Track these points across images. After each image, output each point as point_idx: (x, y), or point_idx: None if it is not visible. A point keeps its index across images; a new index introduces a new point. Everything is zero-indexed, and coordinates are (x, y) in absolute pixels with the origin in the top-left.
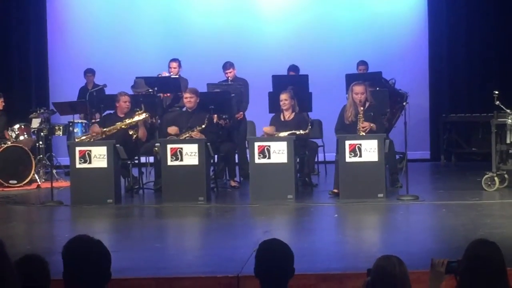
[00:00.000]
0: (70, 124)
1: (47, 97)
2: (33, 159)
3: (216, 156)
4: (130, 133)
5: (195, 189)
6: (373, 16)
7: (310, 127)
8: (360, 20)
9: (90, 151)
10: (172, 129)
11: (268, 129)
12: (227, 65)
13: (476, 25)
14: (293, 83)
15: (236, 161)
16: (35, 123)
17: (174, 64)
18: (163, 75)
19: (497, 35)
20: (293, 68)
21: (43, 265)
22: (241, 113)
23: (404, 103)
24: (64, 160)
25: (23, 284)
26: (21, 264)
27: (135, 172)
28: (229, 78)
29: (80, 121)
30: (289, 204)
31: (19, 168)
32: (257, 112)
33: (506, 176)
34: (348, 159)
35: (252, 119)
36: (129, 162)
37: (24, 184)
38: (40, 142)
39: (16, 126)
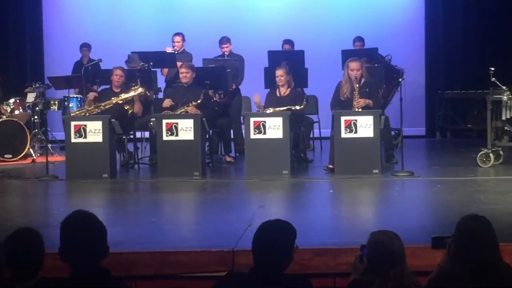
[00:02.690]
0: (65, 98)
1: (42, 71)
2: (28, 134)
3: (211, 131)
4: (126, 108)
5: (190, 164)
6: None
7: (305, 102)
8: None
9: (85, 125)
10: (166, 102)
11: (256, 98)
12: (224, 40)
13: (472, 1)
14: (289, 58)
15: (232, 136)
16: (30, 97)
17: (178, 38)
18: (168, 50)
19: (494, 12)
20: (288, 41)
21: (37, 239)
22: (234, 85)
23: (400, 80)
24: (59, 135)
25: (17, 257)
26: (14, 237)
27: (130, 147)
28: (225, 53)
29: (75, 95)
30: (284, 180)
31: (14, 142)
32: (253, 87)
33: (501, 152)
34: (344, 135)
35: (248, 95)
36: (124, 137)
37: (19, 159)
38: (35, 117)
39: (11, 101)
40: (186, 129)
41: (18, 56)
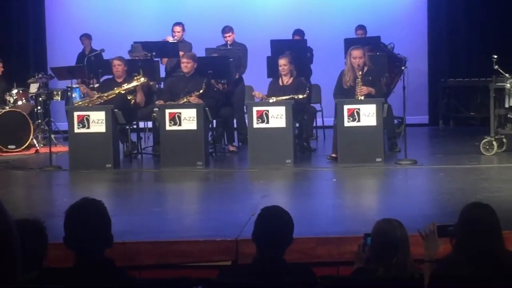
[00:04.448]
0: (68, 89)
1: (45, 62)
2: (31, 124)
3: (214, 121)
4: (129, 98)
5: (193, 154)
6: None
7: (308, 91)
8: None
9: (88, 116)
10: (159, 103)
11: (257, 93)
12: (226, 29)
13: None
14: (292, 48)
15: (235, 126)
16: (33, 88)
17: (178, 28)
18: (168, 39)
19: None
20: (298, 32)
21: (40, 229)
22: (237, 74)
23: (403, 68)
24: (63, 125)
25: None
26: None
27: (133, 137)
28: (228, 42)
29: (78, 86)
30: (288, 169)
31: (18, 133)
32: (255, 77)
33: (504, 140)
34: (347, 123)
35: (251, 84)
36: (127, 127)
37: (22, 149)
38: (39, 107)
39: (14, 91)
40: (189, 119)
41: (21, 47)
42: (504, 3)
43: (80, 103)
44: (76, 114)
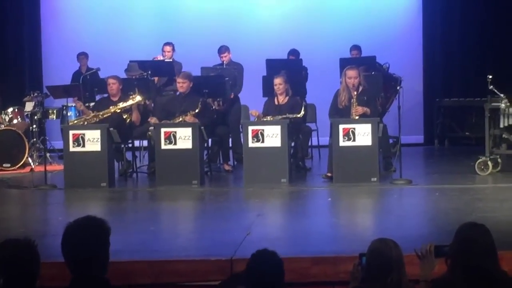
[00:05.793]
0: (64, 107)
1: (41, 80)
2: (26, 143)
3: (210, 139)
4: (124, 116)
5: (188, 173)
6: (367, 0)
7: (303, 111)
8: (354, 4)
9: (83, 134)
10: (152, 120)
11: (254, 112)
12: (223, 49)
13: (470, 9)
14: (287, 67)
15: (230, 144)
16: (29, 106)
17: (168, 48)
18: (158, 58)
19: (491, 19)
20: (293, 52)
21: (32, 248)
22: (232, 94)
23: (398, 88)
24: (58, 144)
25: (11, 267)
26: (7, 247)
27: (129, 155)
28: (224, 62)
29: (73, 104)
30: (283, 188)
31: (13, 151)
32: (251, 96)
33: (499, 160)
34: (342, 143)
35: (246, 103)
36: (122, 145)
37: (17, 168)
38: (34, 126)
39: (10, 110)
40: (184, 138)
41: (17, 65)
42: (498, 24)
43: (75, 121)
44: (71, 132)
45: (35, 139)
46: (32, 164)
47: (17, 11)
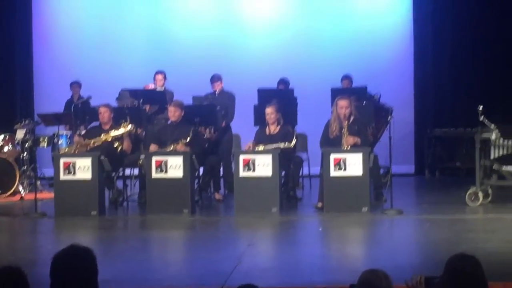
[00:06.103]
0: (55, 135)
1: (32, 108)
2: (17, 170)
3: (201, 168)
4: (115, 145)
5: (179, 202)
6: (358, 31)
7: (295, 140)
8: (345, 34)
9: (74, 162)
10: (152, 148)
11: (249, 145)
12: (215, 78)
13: (461, 40)
14: (278, 97)
15: (221, 173)
16: (20, 134)
17: (160, 77)
18: (149, 87)
19: (482, 51)
20: (283, 81)
21: (20, 277)
22: (224, 122)
23: (389, 118)
24: (49, 172)
25: None
26: None
27: (119, 184)
28: (217, 91)
29: (65, 132)
30: (273, 217)
31: (3, 179)
32: (242, 125)
33: (489, 191)
34: (333, 173)
35: (238, 132)
36: (113, 174)
37: (8, 195)
38: (25, 153)
39: (1, 137)
40: (175, 167)
41: (8, 93)
42: (490, 54)
43: (66, 150)
44: (62, 160)
45: (25, 167)
46: (22, 192)
47: (9, 38)
